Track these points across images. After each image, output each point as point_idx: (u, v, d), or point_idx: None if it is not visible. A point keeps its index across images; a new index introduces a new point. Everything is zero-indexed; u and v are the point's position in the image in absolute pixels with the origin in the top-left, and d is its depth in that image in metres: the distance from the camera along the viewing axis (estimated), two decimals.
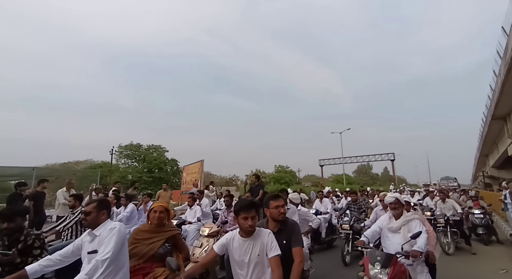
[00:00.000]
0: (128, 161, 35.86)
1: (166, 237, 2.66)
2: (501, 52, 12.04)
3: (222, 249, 2.15)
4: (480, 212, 7.60)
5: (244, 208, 2.09)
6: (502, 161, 25.25)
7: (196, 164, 12.31)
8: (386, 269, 2.61)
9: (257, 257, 2.05)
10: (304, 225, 4.48)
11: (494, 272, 4.99)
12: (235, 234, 2.17)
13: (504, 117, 17.01)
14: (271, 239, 2.12)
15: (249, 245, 2.09)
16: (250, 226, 2.06)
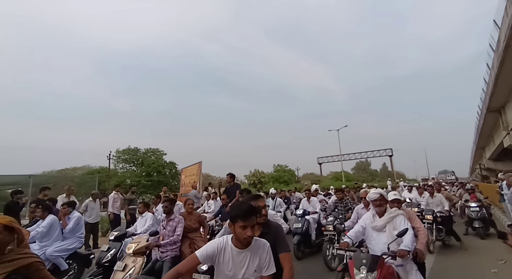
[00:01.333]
0: (126, 166, 35.69)
1: (7, 271, 1.61)
2: (494, 45, 12.13)
3: (208, 260, 1.75)
4: (477, 205, 7.46)
5: (242, 215, 1.67)
6: (498, 153, 25.45)
7: (194, 166, 12.28)
8: (373, 273, 2.45)
9: (253, 273, 1.73)
10: None
11: (493, 264, 5.02)
12: (226, 243, 1.77)
13: (499, 109, 17.15)
14: (269, 253, 1.82)
15: (245, 258, 1.74)
16: (249, 237, 1.68)
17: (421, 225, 3.32)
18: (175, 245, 3.79)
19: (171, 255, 3.70)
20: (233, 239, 1.77)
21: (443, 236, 6.23)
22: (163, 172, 35.43)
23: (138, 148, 35.89)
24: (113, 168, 34.08)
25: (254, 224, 1.70)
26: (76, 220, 4.72)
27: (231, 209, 1.80)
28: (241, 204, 1.81)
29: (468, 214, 7.63)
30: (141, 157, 35.24)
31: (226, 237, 1.81)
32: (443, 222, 6.21)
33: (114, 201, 7.93)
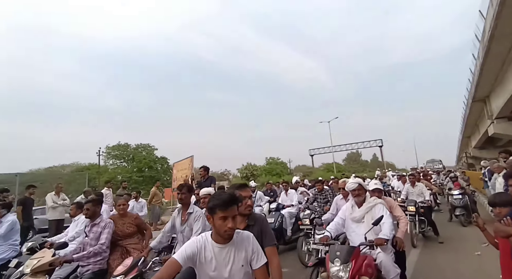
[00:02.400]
0: (116, 162, 35.28)
1: None
2: (479, 36, 12.35)
3: (189, 262, 1.53)
4: (459, 192, 7.47)
5: (222, 205, 1.50)
6: (483, 142, 26.21)
7: (185, 160, 12.22)
8: (347, 264, 2.39)
9: (240, 269, 1.56)
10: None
11: (476, 247, 5.22)
12: (206, 240, 1.59)
13: (484, 99, 17.58)
14: (256, 244, 1.67)
15: (228, 253, 1.56)
16: (230, 229, 1.51)
17: (402, 213, 3.33)
18: (99, 256, 3.09)
19: (93, 269, 3.04)
20: (213, 234, 1.59)
21: (424, 228, 6.07)
22: (154, 167, 35.17)
23: (128, 143, 35.47)
24: (103, 165, 33.61)
25: (235, 214, 1.54)
26: (10, 225, 3.93)
27: (210, 199, 1.59)
28: (220, 193, 1.62)
29: (451, 202, 7.70)
30: (131, 152, 34.85)
31: (205, 234, 1.63)
32: (424, 213, 6.01)
33: (106, 197, 7.83)
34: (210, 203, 1.55)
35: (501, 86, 14.40)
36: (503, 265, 2.18)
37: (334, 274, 2.38)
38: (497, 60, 12.28)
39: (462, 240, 6.03)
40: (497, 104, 15.81)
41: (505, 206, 2.15)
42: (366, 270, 2.44)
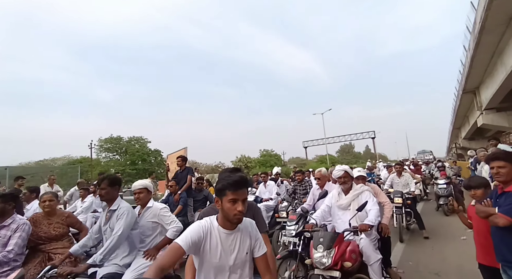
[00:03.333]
0: (109, 155, 34.96)
1: None
2: (470, 27, 12.47)
3: (193, 248, 1.39)
4: (444, 182, 7.48)
5: (233, 186, 1.40)
6: (472, 133, 26.79)
7: (179, 151, 12.10)
8: (330, 250, 2.36)
9: (244, 257, 1.48)
10: None
11: (462, 232, 5.42)
12: (211, 225, 1.48)
13: (474, 90, 17.89)
14: (258, 231, 1.59)
15: (234, 240, 1.47)
16: (240, 213, 1.40)
17: (387, 199, 3.39)
18: (6, 266, 2.46)
19: None
20: (219, 218, 1.48)
21: (410, 220, 5.81)
22: (148, 160, 34.98)
23: (121, 136, 35.08)
24: (96, 158, 33.28)
25: (245, 197, 1.44)
26: None
27: (219, 181, 1.47)
28: (229, 174, 1.47)
29: (435, 191, 7.74)
30: (124, 145, 34.54)
31: (209, 219, 1.51)
32: (410, 205, 5.77)
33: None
34: (219, 185, 1.44)
35: (490, 77, 14.65)
36: (478, 243, 2.31)
37: (317, 260, 2.37)
38: (487, 51, 12.47)
39: (448, 227, 6.23)
40: (486, 95, 16.12)
41: (479, 188, 2.28)
42: (350, 256, 2.43)
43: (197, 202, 5.51)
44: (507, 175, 1.97)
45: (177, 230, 2.63)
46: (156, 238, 2.68)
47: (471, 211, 2.41)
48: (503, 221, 1.88)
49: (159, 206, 2.79)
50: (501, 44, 11.76)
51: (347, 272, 2.43)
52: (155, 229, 2.70)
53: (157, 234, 2.71)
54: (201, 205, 5.42)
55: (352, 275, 2.48)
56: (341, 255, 2.39)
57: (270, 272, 1.55)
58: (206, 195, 5.70)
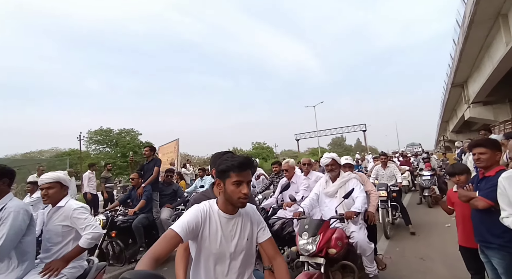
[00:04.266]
0: (99, 147, 34.38)
1: None
2: (460, 21, 12.65)
3: (190, 235, 1.27)
4: (429, 174, 7.41)
5: (236, 167, 1.29)
6: (460, 126, 27.42)
7: (171, 143, 12.14)
8: (315, 237, 2.36)
9: (245, 244, 1.39)
10: None
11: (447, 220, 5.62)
12: (210, 209, 1.36)
13: (462, 84, 18.27)
14: (258, 214, 1.52)
15: (235, 225, 1.38)
16: (244, 196, 1.30)
17: (373, 187, 3.47)
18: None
19: None
20: (219, 202, 1.38)
21: (396, 215, 5.55)
22: (139, 152, 34.59)
23: (111, 128, 34.50)
24: (85, 150, 32.72)
25: (249, 180, 1.35)
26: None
27: (222, 162, 1.34)
28: (233, 155, 1.39)
29: (419, 183, 7.65)
30: (114, 137, 34.01)
31: (209, 202, 1.39)
32: (396, 198, 5.49)
33: (89, 180, 7.74)
34: (222, 166, 1.32)
35: (478, 72, 14.96)
36: (461, 227, 2.44)
37: (302, 247, 2.36)
38: (475, 45, 12.70)
39: (433, 215, 6.45)
40: (474, 89, 16.48)
41: (462, 174, 2.39)
42: (336, 243, 2.43)
43: (164, 196, 4.98)
44: (487, 161, 2.05)
45: (93, 237, 2.15)
46: (67, 246, 2.17)
47: (452, 197, 2.53)
48: (482, 204, 1.99)
49: (73, 205, 2.21)
50: (488, 38, 11.99)
51: (332, 259, 2.44)
52: (67, 235, 2.17)
53: (69, 241, 2.19)
54: (170, 200, 4.99)
55: (338, 261, 2.51)
56: (326, 242, 2.39)
57: (280, 254, 1.47)
58: (175, 189, 5.18)
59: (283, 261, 1.47)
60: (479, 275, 2.41)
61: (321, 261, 2.34)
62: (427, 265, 3.76)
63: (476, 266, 2.37)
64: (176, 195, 5.15)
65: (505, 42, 10.47)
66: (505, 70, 12.39)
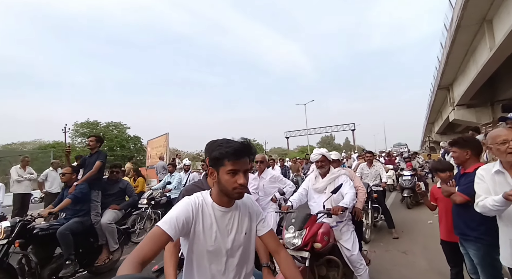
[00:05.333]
0: (85, 140, 33.60)
1: None
2: (448, 25, 12.99)
3: (181, 232, 1.12)
4: (409, 174, 7.32)
5: (232, 155, 1.14)
6: (444, 128, 28.24)
7: (161, 137, 12.03)
8: (301, 231, 2.36)
9: (243, 238, 1.26)
10: None
11: (429, 217, 5.83)
12: (203, 202, 1.22)
13: (448, 87, 18.79)
14: (257, 205, 1.40)
15: (232, 219, 1.24)
16: (241, 187, 1.16)
17: (361, 184, 3.53)
18: None
19: None
20: (213, 194, 1.24)
21: (377, 217, 5.33)
22: (127, 146, 34.09)
23: (98, 121, 33.81)
24: (70, 143, 31.91)
25: (247, 168, 1.19)
26: None
27: (215, 148, 1.18)
28: (228, 141, 1.20)
29: (400, 183, 7.54)
30: (102, 131, 33.31)
31: (201, 194, 1.25)
32: (378, 199, 5.23)
33: None
34: (216, 152, 1.16)
35: (463, 75, 15.43)
36: (443, 221, 2.54)
37: (288, 241, 2.35)
38: (462, 49, 13.08)
39: (415, 213, 6.68)
40: (459, 92, 16.99)
41: (444, 171, 2.48)
42: (322, 237, 2.43)
43: (109, 196, 4.20)
44: (457, 158, 2.24)
45: None
46: None
47: (436, 192, 2.64)
48: (459, 199, 2.11)
49: None
50: (474, 43, 12.37)
51: (318, 253, 2.45)
52: None
53: None
54: (116, 201, 4.22)
55: (323, 256, 2.52)
56: (312, 236, 2.39)
57: (283, 247, 1.37)
58: (122, 188, 4.36)
59: (288, 254, 1.35)
60: (458, 268, 2.55)
61: (306, 255, 2.33)
62: (409, 259, 3.91)
63: (455, 259, 2.51)
64: (124, 194, 4.39)
65: (489, 47, 10.84)
66: (488, 74, 12.83)
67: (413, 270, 3.50)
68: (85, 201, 3.76)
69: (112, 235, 3.80)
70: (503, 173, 1.72)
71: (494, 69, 12.19)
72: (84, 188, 3.75)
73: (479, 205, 1.75)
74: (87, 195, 3.77)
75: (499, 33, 9.91)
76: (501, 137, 1.71)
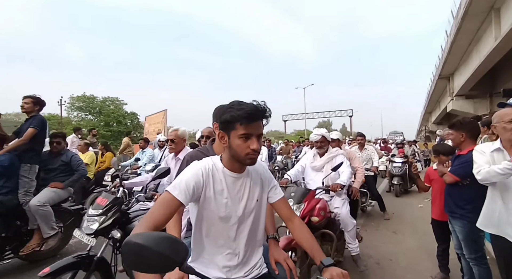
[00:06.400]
0: (81, 114, 33.27)
1: None
2: (455, 12, 12.73)
3: (192, 197, 1.09)
4: (400, 161, 7.06)
5: (244, 118, 1.05)
6: (441, 118, 28.44)
7: (159, 114, 11.97)
8: (299, 205, 2.47)
9: (254, 205, 1.22)
10: None
11: (420, 201, 6.05)
12: (214, 167, 1.17)
13: (449, 76, 18.73)
14: (269, 172, 1.35)
15: (243, 185, 1.20)
16: (254, 152, 1.09)
17: (360, 165, 3.70)
18: None
19: None
20: (224, 159, 1.18)
21: (365, 202, 5.23)
22: (124, 122, 33.83)
23: (94, 96, 33.26)
24: (66, 117, 31.58)
25: (260, 133, 1.12)
26: None
27: (226, 110, 1.10)
28: (240, 102, 1.11)
29: (389, 170, 7.31)
30: (98, 105, 32.90)
31: (211, 159, 1.19)
32: (369, 183, 5.04)
33: (72, 144, 7.56)
34: (226, 115, 1.08)
35: (465, 65, 15.34)
36: (437, 201, 2.67)
37: None
38: (466, 38, 12.92)
39: (407, 197, 6.91)
40: (459, 82, 16.97)
41: (445, 154, 2.59)
42: (319, 212, 2.53)
43: (50, 172, 3.55)
44: (453, 141, 2.33)
45: None
46: None
47: (432, 174, 2.76)
48: (449, 179, 2.24)
49: None
50: (479, 32, 12.21)
51: (314, 226, 2.55)
52: None
53: None
54: (59, 177, 3.52)
55: (318, 230, 2.63)
56: (310, 210, 2.50)
57: (296, 214, 1.33)
58: (66, 161, 3.63)
59: (301, 221, 1.32)
60: (445, 245, 2.75)
61: None
62: (398, 237, 4.12)
63: (443, 237, 2.72)
64: (70, 168, 3.66)
65: (494, 37, 10.72)
66: (490, 64, 12.78)
67: (401, 247, 3.70)
68: (8, 176, 3.10)
69: (44, 219, 3.10)
70: (503, 151, 1.77)
71: (496, 59, 12.13)
72: (5, 161, 3.06)
73: (481, 172, 1.75)
74: (10, 169, 3.10)
75: (506, 22, 9.78)
76: (510, 115, 1.73)
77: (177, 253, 0.73)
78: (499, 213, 1.75)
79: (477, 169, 1.79)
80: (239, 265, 1.19)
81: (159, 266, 0.71)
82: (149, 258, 0.69)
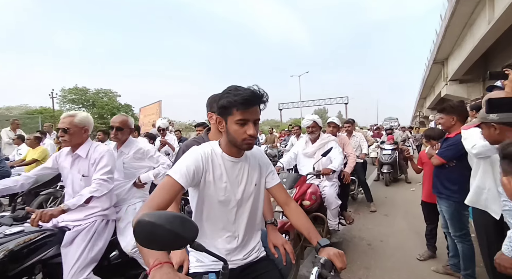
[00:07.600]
0: (74, 107, 32.78)
1: None
2: None
3: (192, 181, 1.10)
4: (390, 148, 6.69)
5: (241, 103, 1.06)
6: (435, 103, 28.58)
7: (153, 105, 11.85)
8: (291, 190, 2.54)
9: (252, 190, 1.25)
10: None
11: (411, 185, 6.20)
12: (213, 151, 1.19)
13: (443, 61, 18.72)
14: (266, 157, 1.38)
15: (242, 170, 1.22)
16: (250, 137, 1.11)
17: (352, 151, 3.77)
18: None
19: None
20: (222, 144, 1.20)
21: (355, 190, 5.16)
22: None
23: (87, 88, 32.75)
24: (58, 109, 31.15)
25: (257, 118, 1.13)
26: None
27: (223, 96, 1.11)
28: (237, 87, 1.11)
29: (378, 157, 6.86)
30: (91, 98, 32.46)
31: (210, 144, 1.22)
32: (357, 171, 4.84)
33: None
34: (223, 101, 1.09)
35: (459, 49, 15.32)
36: (427, 184, 2.75)
37: None
38: (460, 22, 12.86)
39: (399, 182, 7.06)
40: (453, 67, 16.99)
41: (435, 138, 2.67)
42: (310, 196, 2.62)
43: None
44: (443, 124, 2.37)
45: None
46: None
47: (423, 157, 2.85)
48: (436, 161, 2.33)
49: None
50: (473, 15, 12.14)
51: (306, 210, 2.58)
52: None
53: None
54: None
55: (310, 213, 2.71)
56: (301, 195, 2.58)
57: (292, 199, 1.36)
58: None
59: (297, 205, 1.34)
60: (433, 225, 2.89)
61: None
62: (389, 220, 4.25)
63: (431, 218, 2.86)
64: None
65: (488, 20, 10.68)
66: (483, 48, 12.77)
67: (392, 229, 3.83)
68: None
69: None
70: None
71: (490, 43, 12.12)
72: None
73: (477, 146, 1.73)
74: None
75: (499, 5, 9.73)
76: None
77: (188, 231, 0.75)
78: (488, 190, 1.79)
79: (472, 143, 1.77)
80: (238, 248, 1.23)
81: (171, 243, 0.74)
82: (162, 236, 0.71)
